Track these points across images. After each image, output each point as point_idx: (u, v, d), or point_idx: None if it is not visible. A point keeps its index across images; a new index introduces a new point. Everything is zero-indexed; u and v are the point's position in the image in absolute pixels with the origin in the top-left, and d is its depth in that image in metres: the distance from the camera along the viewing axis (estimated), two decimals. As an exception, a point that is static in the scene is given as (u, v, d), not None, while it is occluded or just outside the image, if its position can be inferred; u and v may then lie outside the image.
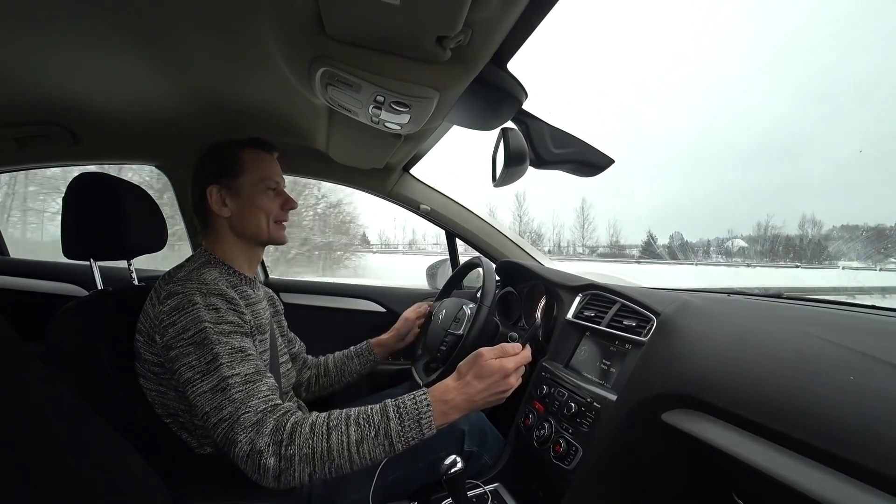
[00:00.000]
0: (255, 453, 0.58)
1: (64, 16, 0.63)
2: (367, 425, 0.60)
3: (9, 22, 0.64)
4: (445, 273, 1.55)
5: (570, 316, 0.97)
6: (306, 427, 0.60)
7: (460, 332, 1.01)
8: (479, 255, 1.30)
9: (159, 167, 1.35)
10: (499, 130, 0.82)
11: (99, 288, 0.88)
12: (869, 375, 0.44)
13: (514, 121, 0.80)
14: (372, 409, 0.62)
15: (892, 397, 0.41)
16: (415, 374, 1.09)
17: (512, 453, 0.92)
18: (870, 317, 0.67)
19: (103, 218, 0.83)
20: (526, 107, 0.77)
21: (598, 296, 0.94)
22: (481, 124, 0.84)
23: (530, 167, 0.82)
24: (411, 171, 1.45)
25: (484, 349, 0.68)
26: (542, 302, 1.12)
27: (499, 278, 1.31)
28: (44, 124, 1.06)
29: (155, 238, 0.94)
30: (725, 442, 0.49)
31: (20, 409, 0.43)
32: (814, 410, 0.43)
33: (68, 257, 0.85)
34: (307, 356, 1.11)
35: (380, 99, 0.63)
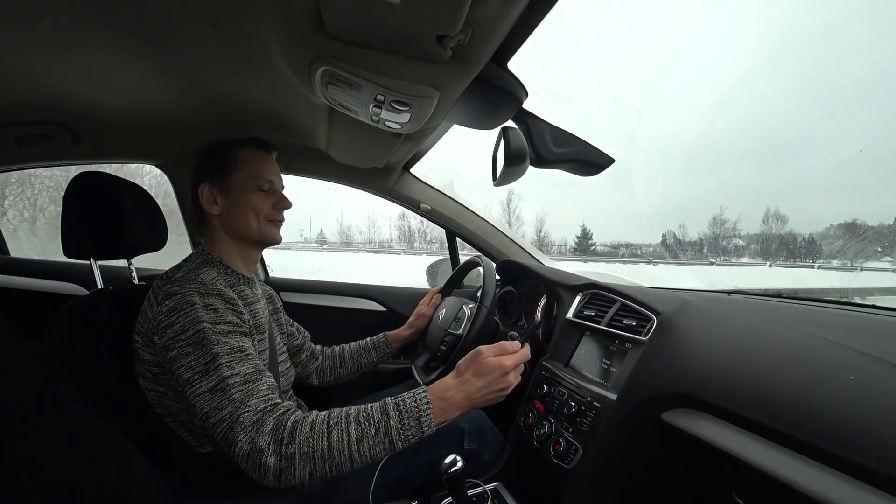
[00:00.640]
0: (255, 452, 0.58)
1: (64, 16, 0.63)
2: (367, 423, 0.60)
3: (9, 22, 0.64)
4: (446, 272, 1.55)
5: (570, 315, 0.97)
6: (307, 425, 0.60)
7: (460, 331, 1.01)
8: (479, 254, 1.30)
9: (160, 166, 1.35)
10: (499, 129, 0.82)
11: (99, 287, 0.88)
12: (869, 375, 0.44)
13: (514, 120, 0.80)
14: (372, 408, 0.62)
15: (892, 397, 0.41)
16: (415, 374, 1.09)
17: (512, 452, 0.92)
18: (870, 317, 0.67)
19: (103, 217, 0.83)
20: (526, 106, 0.77)
21: (598, 295, 0.94)
22: (482, 123, 0.84)
23: (531, 166, 0.82)
24: (411, 170, 1.45)
25: (483, 347, 0.68)
26: (543, 301, 1.12)
27: (499, 277, 1.32)
28: (44, 124, 1.06)
29: (155, 237, 0.94)
30: (725, 441, 0.49)
31: (20, 409, 0.43)
32: (814, 410, 0.43)
33: (69, 256, 0.85)
34: (315, 346, 1.12)
35: (380, 98, 0.63)
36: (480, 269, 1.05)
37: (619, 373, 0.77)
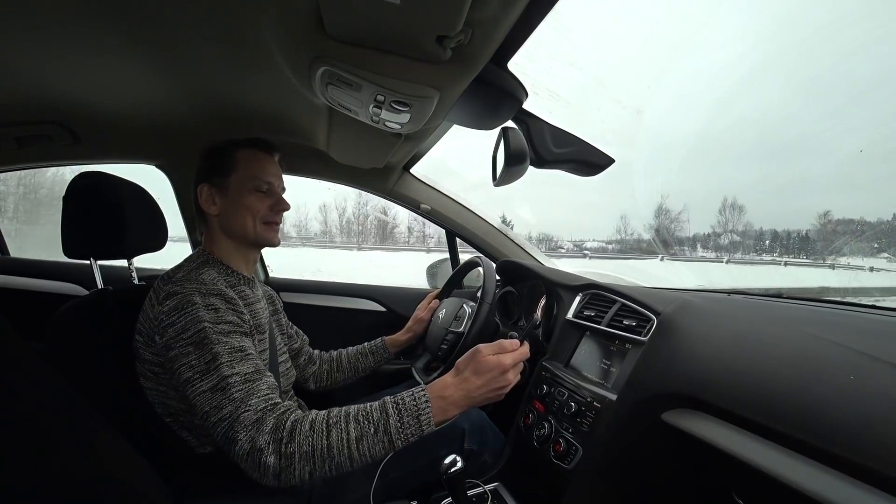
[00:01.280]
0: (255, 451, 0.58)
1: (64, 16, 0.63)
2: (366, 422, 0.60)
3: (10, 22, 0.64)
4: (445, 272, 1.55)
5: (570, 315, 0.97)
6: (306, 425, 0.60)
7: (461, 329, 1.01)
8: (479, 254, 1.30)
9: (160, 167, 1.35)
10: (499, 130, 0.82)
11: (99, 287, 0.88)
12: (869, 375, 0.44)
13: (514, 120, 0.80)
14: (371, 406, 0.62)
15: (892, 397, 0.41)
16: (415, 374, 1.09)
17: (512, 453, 0.92)
18: (870, 317, 0.67)
19: (103, 217, 0.83)
20: (526, 106, 0.77)
21: (598, 295, 0.94)
22: (482, 123, 0.84)
23: (531, 166, 0.82)
24: (411, 170, 1.45)
25: (482, 345, 0.68)
26: (543, 301, 1.12)
27: (499, 278, 1.31)
28: (44, 124, 1.06)
29: (155, 237, 0.94)
30: (725, 441, 0.49)
31: (20, 408, 0.43)
32: (814, 410, 0.43)
33: (69, 256, 0.85)
34: (312, 350, 1.11)
35: (380, 98, 0.63)
36: (480, 269, 1.05)
37: (619, 373, 0.77)
